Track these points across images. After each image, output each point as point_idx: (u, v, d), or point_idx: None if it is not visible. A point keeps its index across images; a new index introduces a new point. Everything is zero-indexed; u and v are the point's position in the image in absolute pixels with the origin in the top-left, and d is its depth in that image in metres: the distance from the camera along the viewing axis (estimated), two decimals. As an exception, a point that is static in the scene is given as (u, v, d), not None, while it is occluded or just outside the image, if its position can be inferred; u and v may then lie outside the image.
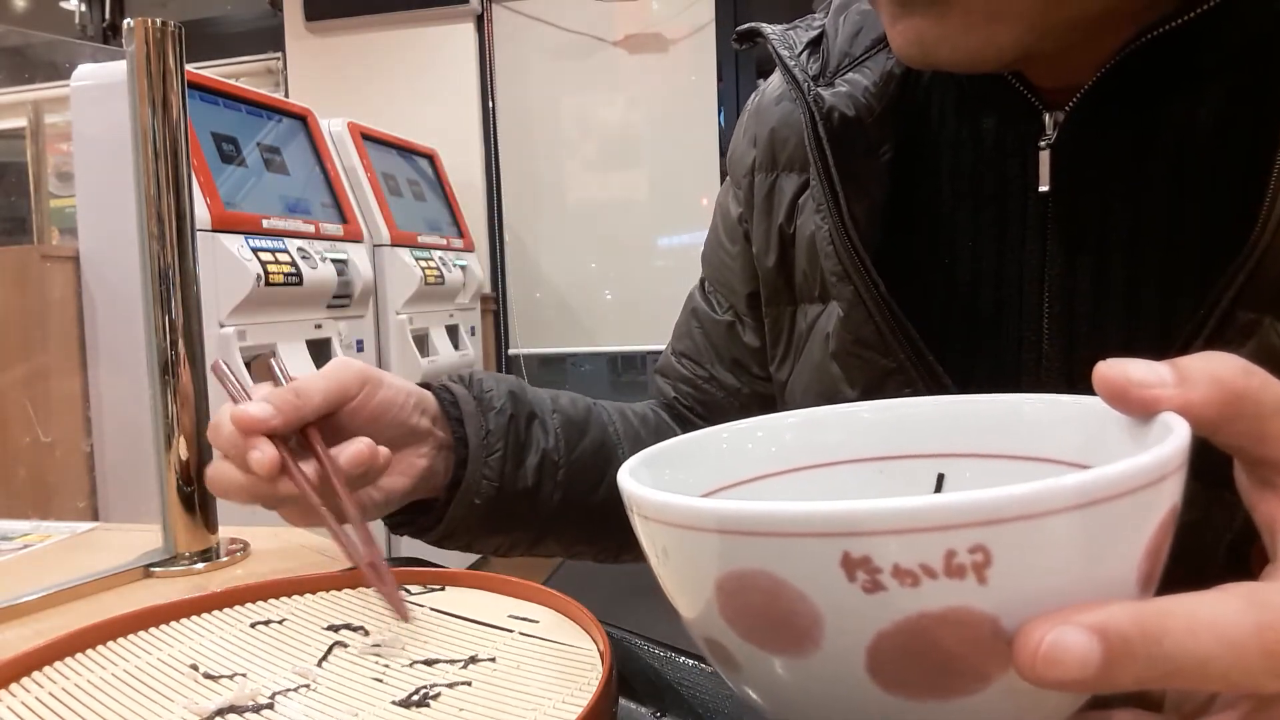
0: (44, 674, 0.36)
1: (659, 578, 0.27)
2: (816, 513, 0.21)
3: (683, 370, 0.69)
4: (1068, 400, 0.30)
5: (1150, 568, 0.23)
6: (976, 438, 0.33)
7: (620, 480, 0.27)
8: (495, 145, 3.32)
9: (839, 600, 0.21)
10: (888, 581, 0.21)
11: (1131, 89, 0.45)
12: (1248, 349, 0.40)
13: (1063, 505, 0.21)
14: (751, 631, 0.24)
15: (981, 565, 0.21)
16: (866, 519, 0.21)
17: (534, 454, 0.57)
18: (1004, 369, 0.50)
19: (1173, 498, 0.23)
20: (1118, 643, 0.21)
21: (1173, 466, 0.22)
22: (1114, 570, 0.22)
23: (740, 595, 0.23)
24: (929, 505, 0.20)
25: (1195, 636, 0.21)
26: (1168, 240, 0.45)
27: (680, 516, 0.24)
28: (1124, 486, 0.21)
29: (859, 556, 0.21)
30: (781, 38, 0.55)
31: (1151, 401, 0.25)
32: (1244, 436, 0.25)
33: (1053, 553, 0.21)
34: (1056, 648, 0.20)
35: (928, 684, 0.22)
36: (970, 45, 0.42)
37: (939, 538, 0.20)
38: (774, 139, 0.59)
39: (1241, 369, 0.25)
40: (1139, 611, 0.21)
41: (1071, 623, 0.21)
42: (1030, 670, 0.21)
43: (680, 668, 0.41)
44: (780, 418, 0.36)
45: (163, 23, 0.63)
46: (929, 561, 0.21)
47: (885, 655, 0.22)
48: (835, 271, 0.51)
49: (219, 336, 1.81)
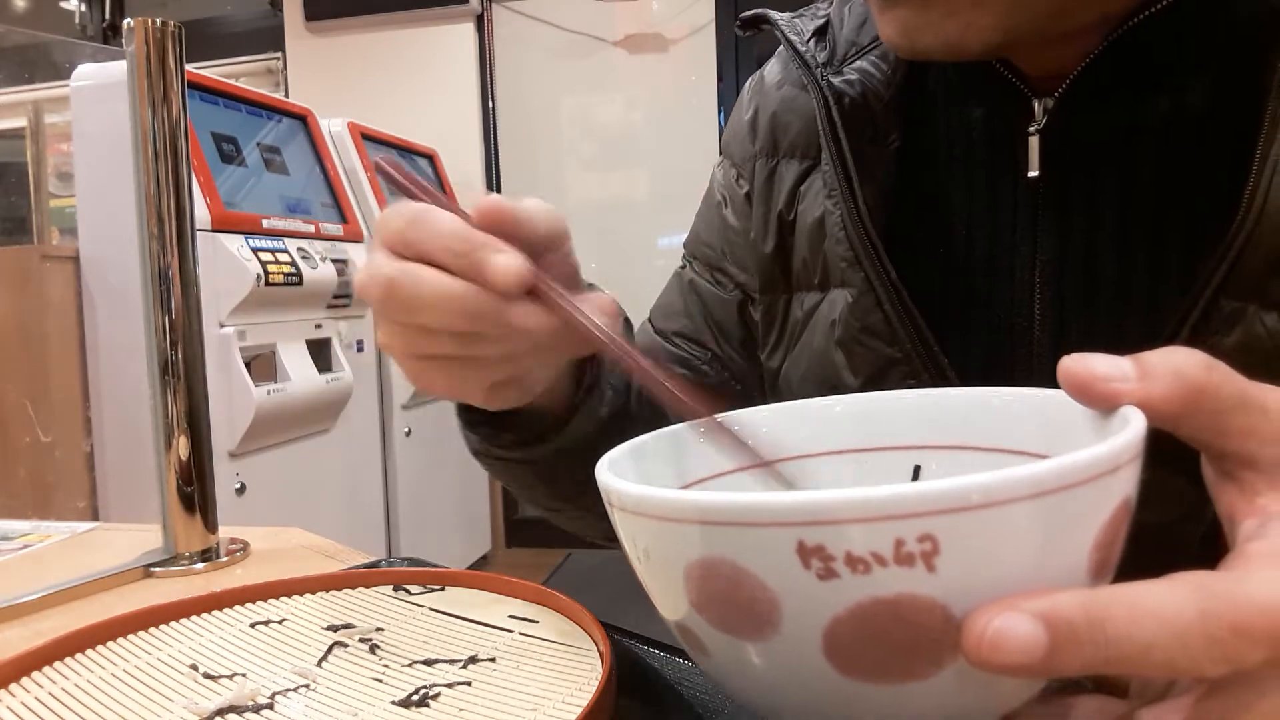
0: (44, 674, 0.36)
1: (633, 566, 0.27)
2: (771, 503, 0.22)
3: (677, 351, 0.66)
4: (1035, 393, 0.31)
5: (1102, 559, 0.23)
6: (948, 430, 0.34)
7: (598, 473, 0.28)
8: (495, 145, 3.32)
9: (795, 587, 0.22)
10: (840, 569, 0.22)
11: (1120, 76, 0.45)
12: (1234, 336, 0.41)
13: (1011, 496, 0.21)
14: (717, 618, 0.25)
15: (930, 554, 0.21)
16: (820, 509, 0.22)
17: (633, 389, 0.54)
18: (998, 356, 0.50)
19: (1125, 490, 0.23)
20: (1063, 629, 0.21)
21: (1124, 459, 0.23)
22: (1064, 560, 0.23)
23: (706, 583, 0.24)
24: (878, 496, 0.21)
25: (1138, 623, 0.21)
26: (1156, 227, 0.46)
27: (651, 507, 0.25)
28: (1073, 478, 0.22)
29: (813, 545, 0.22)
30: (789, 24, 0.56)
31: (1113, 395, 0.26)
32: (1205, 430, 0.26)
33: (1001, 542, 0.22)
34: (1002, 633, 0.21)
35: (883, 668, 0.23)
36: (952, 32, 0.43)
37: (888, 527, 0.21)
38: (775, 124, 0.59)
39: (1203, 364, 0.26)
40: (1085, 599, 0.22)
41: (1018, 609, 0.21)
42: (977, 655, 0.21)
43: (680, 668, 0.41)
44: (755, 412, 0.36)
45: (163, 23, 0.63)
46: (879, 549, 0.21)
47: (841, 640, 0.23)
48: (846, 257, 0.51)
49: (219, 336, 1.80)
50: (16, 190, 2.40)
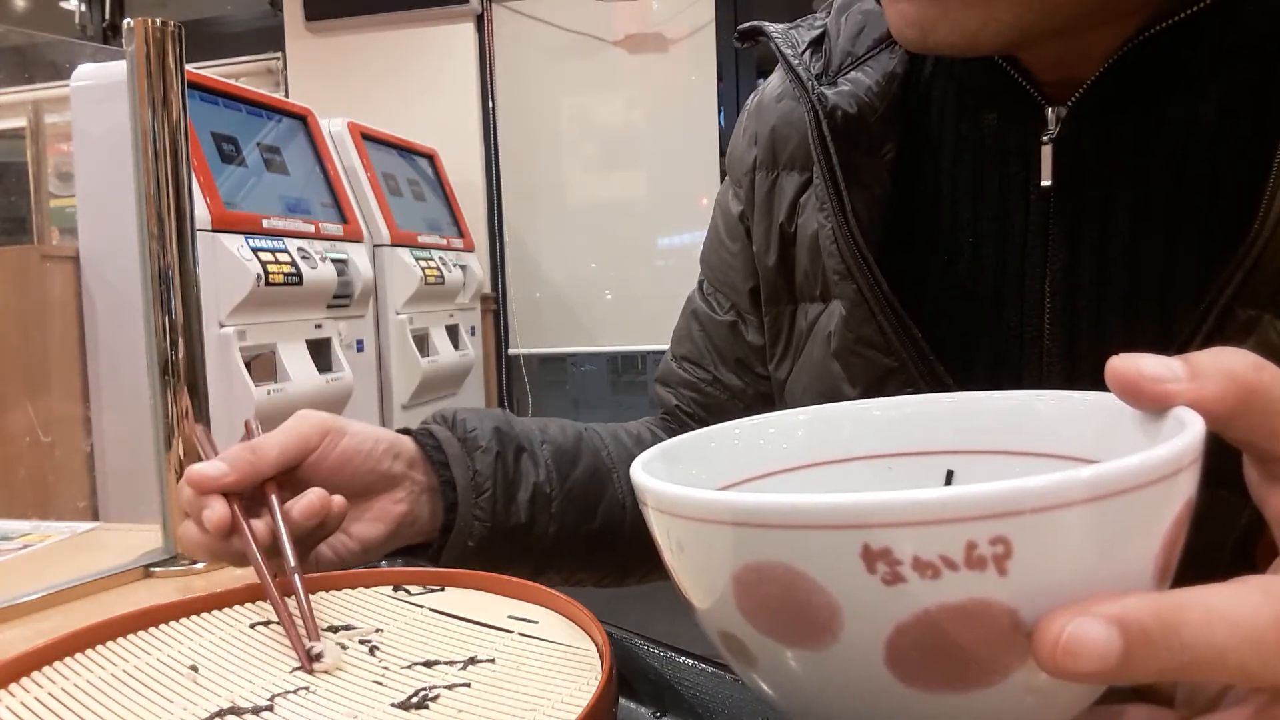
0: (44, 674, 0.36)
1: (671, 570, 0.27)
2: (837, 505, 0.21)
3: (684, 375, 0.68)
4: (1078, 396, 0.30)
5: (1166, 560, 0.23)
6: (987, 434, 0.33)
7: (633, 473, 0.27)
8: (495, 145, 3.32)
9: (858, 592, 0.21)
10: (908, 573, 0.21)
11: (1134, 85, 0.45)
12: (1247, 346, 0.40)
13: (1081, 497, 0.21)
14: (768, 624, 0.24)
15: (1002, 557, 0.21)
16: (887, 511, 0.21)
17: (525, 489, 0.57)
18: (1004, 365, 0.50)
19: (1188, 491, 0.23)
20: (1137, 633, 0.21)
21: (1189, 459, 0.23)
22: (1131, 563, 0.22)
23: (757, 588, 0.23)
24: (950, 497, 0.20)
25: (1212, 628, 0.21)
26: (1168, 236, 0.45)
27: (697, 509, 0.24)
28: (1142, 479, 0.21)
29: (879, 548, 0.21)
30: (784, 36, 0.55)
31: (1164, 396, 0.25)
32: (1255, 431, 0.25)
33: (1071, 545, 0.21)
34: (1076, 639, 0.21)
35: (946, 676, 0.22)
36: (969, 24, 0.42)
37: (960, 529, 0.20)
38: (775, 137, 0.59)
39: (1253, 364, 0.25)
40: (1157, 602, 0.21)
41: (1090, 613, 0.21)
42: (1050, 661, 0.21)
43: (680, 668, 0.41)
44: (792, 414, 0.36)
45: (163, 23, 0.63)
46: (949, 553, 0.21)
47: (904, 648, 0.22)
48: (838, 270, 0.51)
49: (219, 336, 1.81)
50: (16, 190, 2.40)
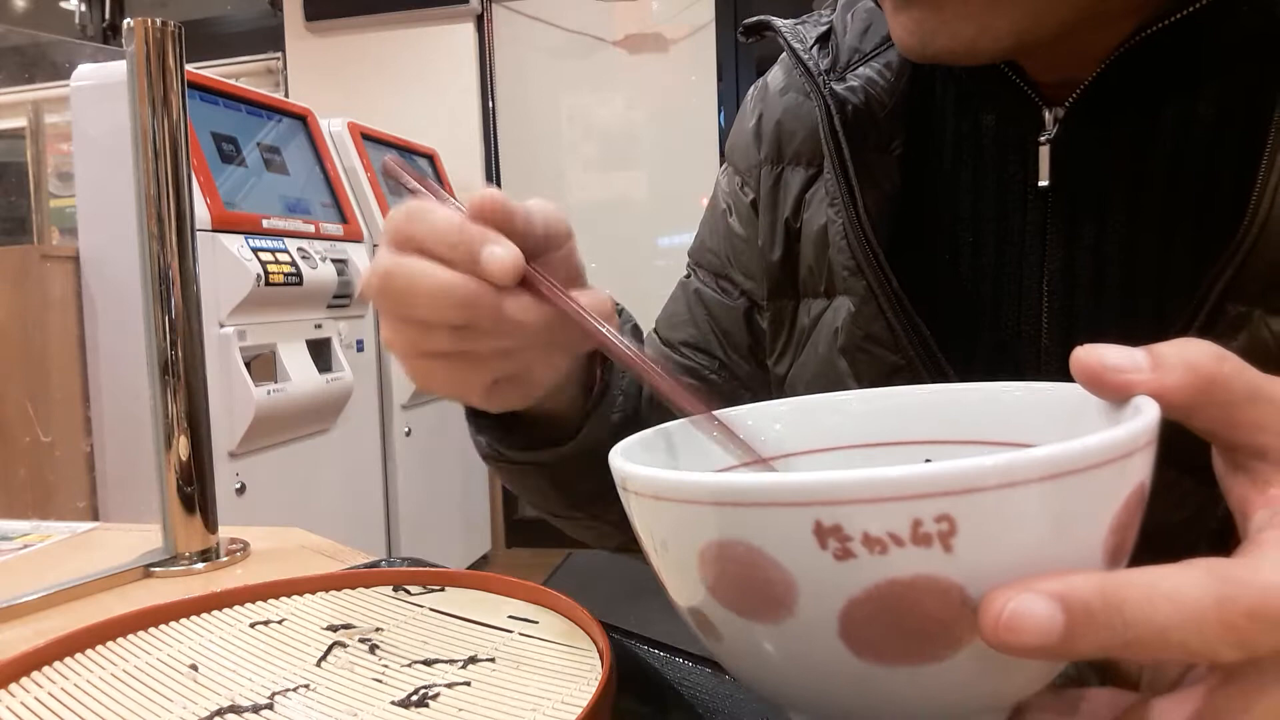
0: (44, 674, 0.36)
1: (646, 552, 0.28)
2: (789, 483, 0.22)
3: (684, 361, 0.66)
4: (1047, 387, 0.31)
5: (1117, 543, 0.24)
6: (961, 425, 0.34)
7: (612, 459, 0.28)
8: (495, 145, 3.32)
9: (811, 568, 0.22)
10: (858, 549, 0.22)
11: (1131, 86, 0.45)
12: (1239, 341, 0.41)
13: (1027, 477, 0.21)
14: (731, 600, 0.25)
15: (947, 534, 0.21)
16: (837, 489, 0.22)
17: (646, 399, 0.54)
18: (1004, 363, 0.50)
19: (1140, 475, 0.24)
20: (1079, 610, 0.21)
21: (1140, 443, 0.23)
22: (1079, 544, 0.23)
23: (719, 564, 0.24)
24: (896, 475, 0.21)
25: (1155, 605, 0.21)
26: (1164, 235, 0.46)
27: (664, 489, 0.25)
28: (1089, 460, 0.22)
29: (830, 525, 0.22)
30: (792, 31, 0.55)
31: (1126, 386, 0.26)
32: (1216, 422, 0.26)
33: (1018, 524, 0.22)
34: (1018, 614, 0.21)
35: (899, 650, 0.23)
36: (968, 33, 0.43)
37: (906, 506, 0.21)
38: (780, 131, 0.59)
39: (1215, 355, 0.26)
40: (1101, 581, 0.22)
41: (1034, 590, 0.21)
42: (994, 636, 0.21)
43: (680, 668, 0.41)
44: (770, 405, 0.37)
45: (163, 23, 0.63)
46: (896, 530, 0.21)
47: (857, 621, 0.23)
48: (848, 266, 0.51)
49: (219, 336, 1.80)
50: (16, 190, 2.40)
